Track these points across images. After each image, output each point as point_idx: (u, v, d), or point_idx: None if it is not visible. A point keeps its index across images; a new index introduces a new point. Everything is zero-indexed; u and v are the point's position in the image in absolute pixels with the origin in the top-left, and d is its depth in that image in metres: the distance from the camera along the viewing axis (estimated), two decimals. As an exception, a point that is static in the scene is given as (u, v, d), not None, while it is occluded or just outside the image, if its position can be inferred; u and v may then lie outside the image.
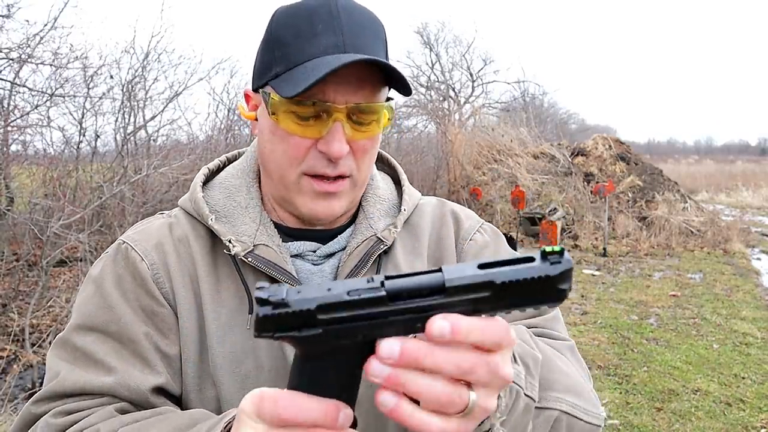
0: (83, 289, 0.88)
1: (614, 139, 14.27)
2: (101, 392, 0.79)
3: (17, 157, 6.36)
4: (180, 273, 0.86)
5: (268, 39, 0.83)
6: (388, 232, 0.91)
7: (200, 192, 0.91)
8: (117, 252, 0.88)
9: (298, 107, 0.78)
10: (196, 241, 0.88)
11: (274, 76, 0.80)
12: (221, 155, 1.04)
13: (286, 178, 0.84)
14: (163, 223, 0.92)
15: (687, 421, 3.99)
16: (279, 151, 0.83)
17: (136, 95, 8.07)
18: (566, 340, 0.90)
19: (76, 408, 0.78)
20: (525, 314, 0.91)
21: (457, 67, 25.10)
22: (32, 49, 6.00)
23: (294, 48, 0.79)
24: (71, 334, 0.84)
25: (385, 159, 1.04)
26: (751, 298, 7.33)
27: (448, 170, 13.96)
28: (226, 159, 1.02)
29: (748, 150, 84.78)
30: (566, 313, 6.54)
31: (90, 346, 0.82)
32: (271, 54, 0.81)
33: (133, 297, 0.84)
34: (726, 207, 19.14)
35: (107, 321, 0.83)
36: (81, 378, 0.80)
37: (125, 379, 0.80)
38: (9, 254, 5.85)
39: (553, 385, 0.75)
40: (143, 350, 0.82)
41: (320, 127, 0.79)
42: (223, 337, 0.83)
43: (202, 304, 0.85)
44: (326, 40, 0.77)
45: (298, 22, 0.79)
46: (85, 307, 0.85)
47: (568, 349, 0.87)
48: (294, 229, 0.91)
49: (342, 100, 0.78)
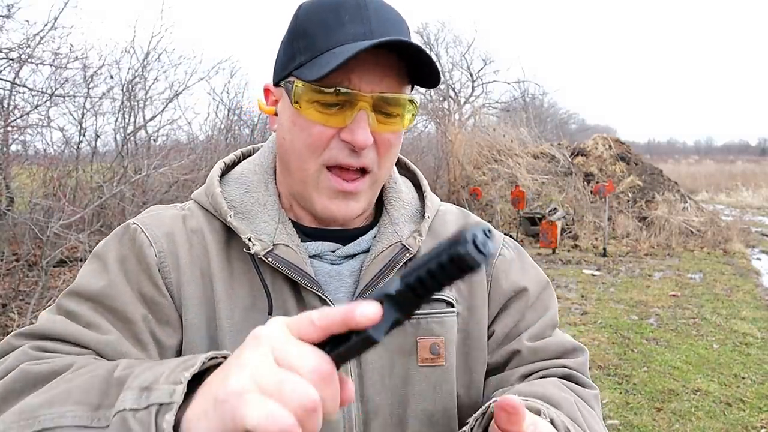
0: (86, 264, 0.85)
1: (614, 139, 14.27)
2: (88, 345, 0.75)
3: (17, 157, 6.35)
4: (190, 266, 0.83)
5: (292, 32, 0.82)
6: (413, 240, 0.89)
7: (218, 186, 0.89)
8: (125, 232, 0.85)
9: (322, 95, 0.77)
10: (211, 234, 0.86)
11: (297, 66, 0.80)
12: (221, 155, 1.03)
13: (306, 171, 0.82)
14: (177, 214, 0.89)
15: (687, 421, 3.99)
16: (300, 141, 0.81)
17: (136, 95, 8.07)
18: (593, 388, 0.91)
19: (56, 349, 0.74)
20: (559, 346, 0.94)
21: (457, 67, 25.12)
22: (32, 49, 6.00)
23: (320, 37, 0.78)
24: (65, 300, 0.81)
25: (405, 163, 1.02)
26: (751, 298, 7.33)
27: (448, 170, 13.96)
28: (242, 154, 0.99)
29: (748, 150, 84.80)
30: (566, 313, 6.54)
31: (84, 312, 0.79)
32: (296, 45, 0.80)
33: (135, 280, 0.81)
34: (726, 207, 19.14)
35: (106, 295, 0.79)
36: (73, 327, 0.77)
37: (118, 344, 0.76)
38: (9, 254, 5.85)
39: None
40: (138, 331, 0.78)
41: (344, 116, 0.78)
42: (236, 335, 0.81)
43: (215, 300, 0.82)
44: (354, 29, 0.77)
45: (325, 13, 0.79)
46: (83, 278, 0.82)
47: (595, 400, 0.89)
48: (311, 228, 0.89)
49: (368, 89, 0.77)
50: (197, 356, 0.59)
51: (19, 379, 0.67)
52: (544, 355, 0.92)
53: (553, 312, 0.97)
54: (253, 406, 0.46)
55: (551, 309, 0.97)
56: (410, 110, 0.82)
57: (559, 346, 0.93)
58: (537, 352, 0.91)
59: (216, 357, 0.59)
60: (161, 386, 0.56)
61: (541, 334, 0.93)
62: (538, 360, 0.91)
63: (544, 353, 0.92)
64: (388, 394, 0.84)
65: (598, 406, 0.88)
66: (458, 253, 0.44)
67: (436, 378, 0.87)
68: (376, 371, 0.84)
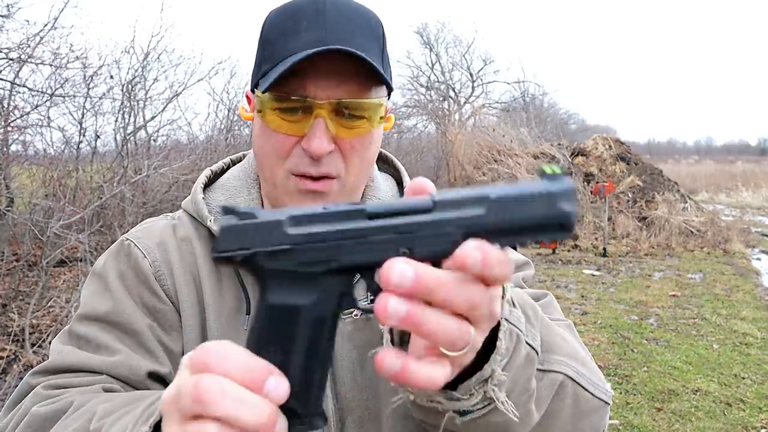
0: (87, 284, 0.89)
1: (614, 139, 14.27)
2: (100, 370, 0.79)
3: (17, 158, 6.36)
4: (183, 271, 0.87)
5: (260, 39, 0.84)
6: None
7: (201, 194, 0.92)
8: (120, 249, 0.89)
9: (281, 103, 0.78)
10: (199, 241, 0.89)
11: (261, 75, 0.81)
12: (221, 155, 1.04)
13: (275, 177, 0.84)
14: (167, 224, 0.93)
15: (687, 421, 3.99)
16: (267, 148, 0.83)
17: (136, 95, 8.07)
18: (564, 320, 0.85)
19: (67, 384, 0.78)
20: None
21: (457, 67, 25.14)
22: (32, 49, 6.00)
23: (279, 45, 0.79)
24: (75, 325, 0.85)
25: (387, 158, 1.03)
26: (751, 298, 7.33)
27: (448, 170, 13.96)
28: (230, 161, 1.02)
29: (748, 150, 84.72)
30: (566, 314, 6.51)
31: (94, 333, 0.83)
32: (261, 53, 0.82)
33: (136, 293, 0.85)
34: (726, 207, 19.14)
35: (110, 312, 0.83)
36: (83, 355, 0.81)
37: (127, 359, 0.80)
38: (9, 254, 5.85)
39: (555, 348, 0.70)
40: (146, 341, 0.82)
41: (303, 124, 0.78)
42: (222, 337, 0.82)
43: (205, 303, 0.85)
44: (308, 36, 0.77)
45: (285, 20, 0.80)
46: (88, 299, 0.86)
47: (566, 327, 0.82)
48: None
49: (323, 96, 0.77)
50: (159, 402, 0.58)
51: (30, 423, 0.73)
52: None
53: (527, 273, 0.94)
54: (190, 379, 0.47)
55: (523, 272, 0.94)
56: (379, 112, 0.81)
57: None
58: None
59: None
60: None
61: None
62: None
63: None
64: (361, 389, 0.84)
65: (570, 332, 0.80)
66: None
67: None
68: (347, 368, 0.84)
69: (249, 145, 1.01)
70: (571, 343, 0.74)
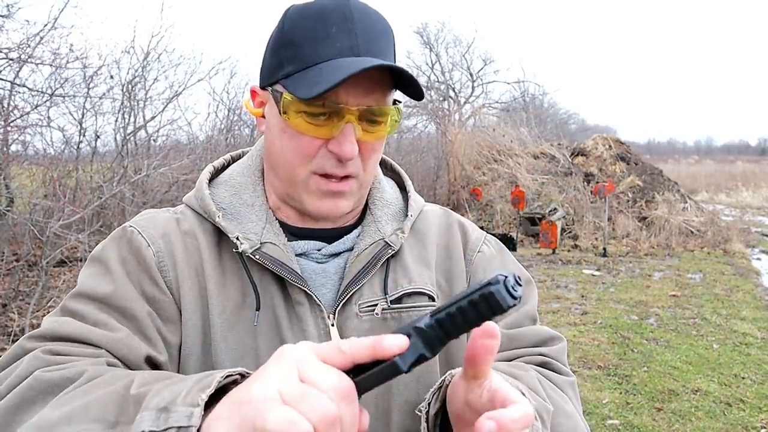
0: (85, 268, 0.86)
1: (614, 139, 14.28)
2: (100, 344, 0.76)
3: (17, 157, 6.35)
4: (186, 265, 0.86)
5: (279, 38, 0.83)
6: (396, 237, 0.92)
7: (206, 189, 0.92)
8: (122, 235, 0.88)
9: (310, 107, 0.79)
10: (203, 236, 0.89)
11: (285, 76, 0.81)
12: (222, 155, 1.04)
13: (296, 177, 0.85)
14: (170, 217, 0.92)
15: (687, 421, 3.99)
16: (289, 148, 0.83)
17: (136, 95, 8.08)
18: (569, 375, 0.91)
19: (68, 352, 0.74)
20: (536, 336, 0.95)
21: (457, 67, 25.12)
22: (32, 49, 6.00)
23: (307, 49, 0.79)
24: (70, 301, 0.82)
25: (390, 165, 1.06)
26: (751, 298, 7.33)
27: (448, 170, 13.97)
28: (231, 158, 1.02)
29: (748, 150, 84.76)
30: (566, 313, 6.54)
31: (91, 311, 0.80)
32: (283, 53, 0.82)
33: (137, 280, 0.83)
34: (726, 207, 19.15)
35: (111, 295, 0.81)
36: (83, 327, 0.78)
37: (128, 338, 0.78)
38: (9, 254, 5.85)
39: (558, 428, 0.79)
40: (145, 327, 0.80)
41: (331, 128, 0.80)
42: (227, 332, 0.83)
43: (208, 298, 0.84)
44: (341, 43, 0.78)
45: (312, 22, 0.80)
46: (88, 281, 0.83)
47: (570, 387, 0.89)
48: (298, 228, 0.92)
49: (354, 103, 0.79)
50: (214, 374, 0.60)
51: (33, 386, 0.68)
52: (521, 343, 0.93)
53: (531, 305, 0.98)
54: (275, 411, 0.48)
55: (530, 302, 0.98)
56: (393, 116, 0.85)
57: (536, 335, 0.94)
58: (513, 340, 0.93)
59: (231, 374, 0.61)
60: (179, 408, 0.57)
61: (518, 324, 0.95)
62: (515, 348, 0.93)
63: (521, 341, 0.93)
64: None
65: (572, 391, 0.89)
66: (489, 292, 0.49)
67: (418, 369, 0.87)
68: None
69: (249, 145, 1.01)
70: (572, 417, 0.83)
